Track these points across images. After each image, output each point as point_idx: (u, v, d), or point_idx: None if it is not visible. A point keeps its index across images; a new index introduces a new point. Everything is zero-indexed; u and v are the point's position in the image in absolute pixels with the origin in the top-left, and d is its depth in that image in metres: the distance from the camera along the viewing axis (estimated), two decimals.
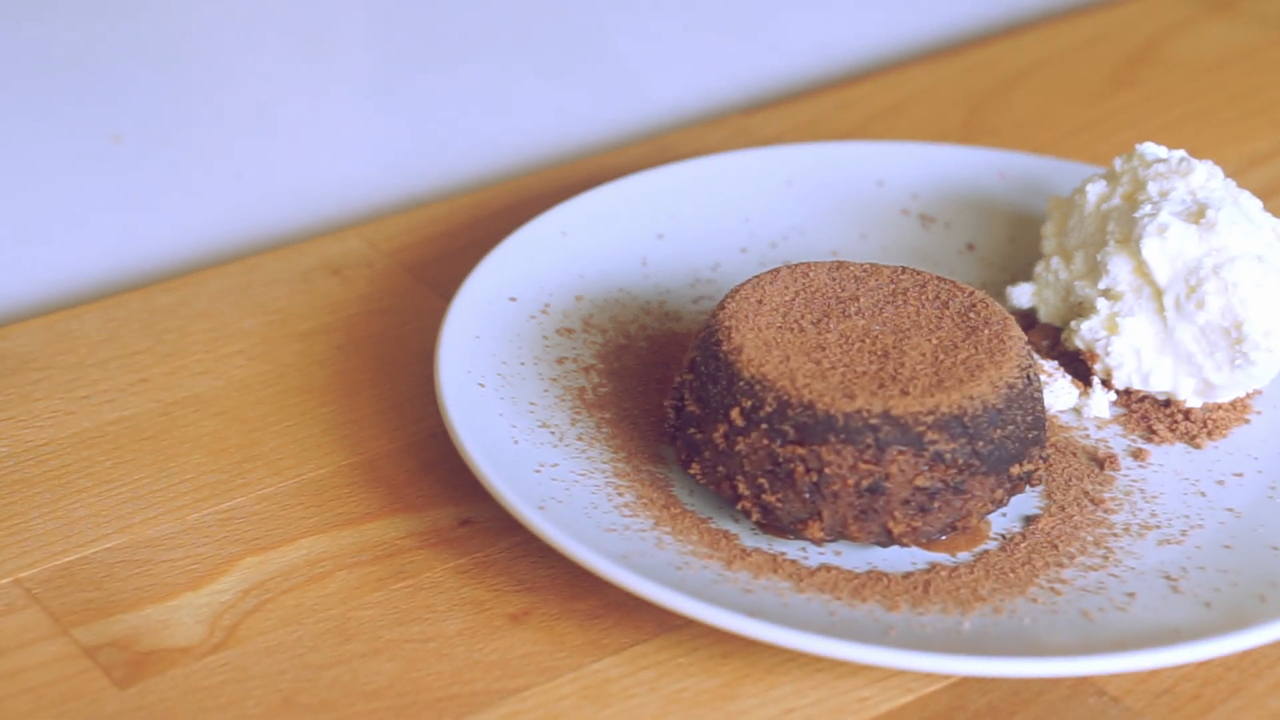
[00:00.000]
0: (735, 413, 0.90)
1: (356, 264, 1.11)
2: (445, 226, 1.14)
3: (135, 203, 1.15)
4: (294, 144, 1.19)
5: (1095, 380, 1.01)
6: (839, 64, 1.34)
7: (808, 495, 0.89)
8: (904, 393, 0.89)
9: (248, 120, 1.18)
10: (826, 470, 0.89)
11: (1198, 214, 0.99)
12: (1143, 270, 0.99)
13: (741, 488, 0.91)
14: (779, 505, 0.90)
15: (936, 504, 0.90)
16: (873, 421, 0.88)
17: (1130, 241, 1.00)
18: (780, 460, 0.89)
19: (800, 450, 0.89)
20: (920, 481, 0.89)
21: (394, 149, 1.22)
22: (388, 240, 1.13)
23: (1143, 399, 1.01)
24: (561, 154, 1.25)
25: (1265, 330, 0.98)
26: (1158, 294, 0.99)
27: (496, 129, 1.24)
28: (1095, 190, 1.03)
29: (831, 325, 0.93)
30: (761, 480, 0.90)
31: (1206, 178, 1.01)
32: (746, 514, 0.91)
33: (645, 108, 1.28)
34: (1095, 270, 1.01)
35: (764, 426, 0.89)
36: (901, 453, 0.89)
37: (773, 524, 0.91)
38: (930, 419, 0.89)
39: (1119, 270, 1.00)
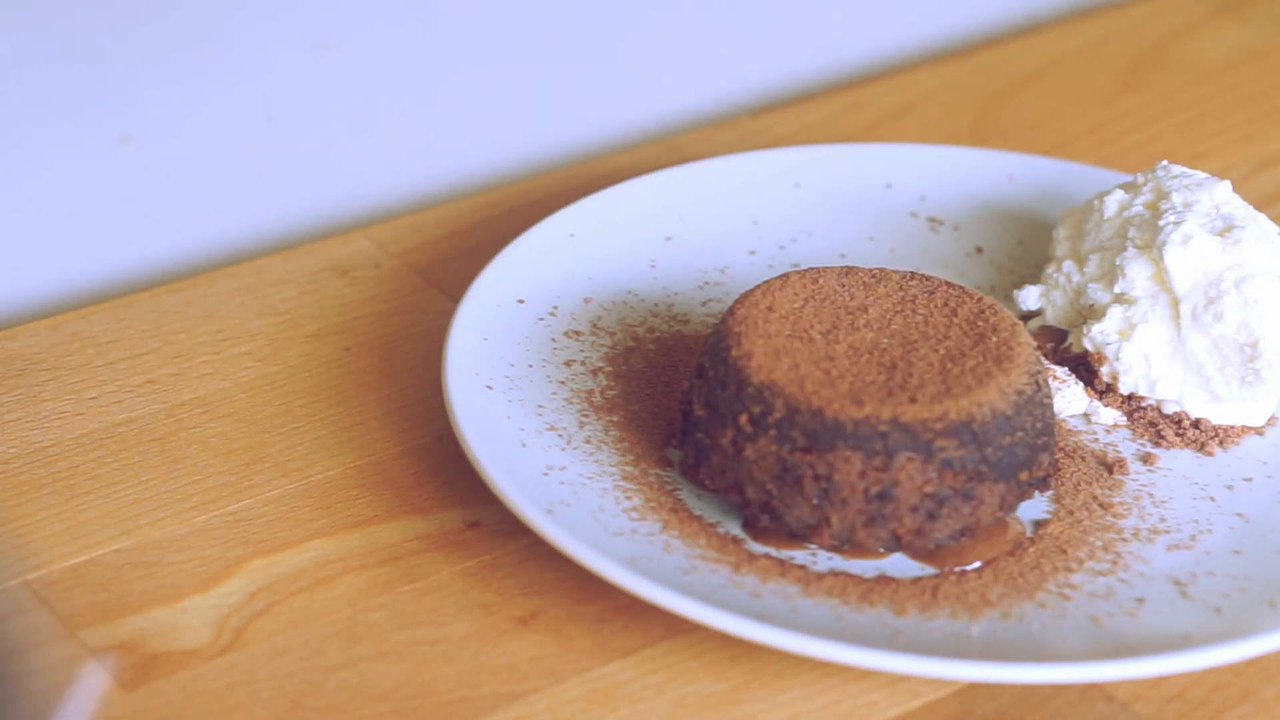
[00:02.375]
0: (744, 418, 0.90)
1: (364, 265, 1.11)
2: (453, 228, 1.14)
3: (143, 203, 1.15)
4: (302, 145, 1.19)
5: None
6: (847, 66, 1.34)
7: (816, 502, 0.89)
8: (913, 400, 0.89)
9: (255, 120, 1.18)
10: (835, 477, 0.89)
11: (1225, 228, 0.99)
12: (1161, 277, 0.99)
13: (749, 493, 0.90)
14: (787, 511, 0.90)
15: (945, 511, 0.90)
16: (881, 428, 0.88)
17: (1152, 248, 0.99)
18: (789, 466, 0.89)
19: (809, 457, 0.89)
20: (929, 488, 0.89)
21: (402, 150, 1.22)
22: (396, 242, 1.13)
23: (1150, 408, 1.00)
24: (569, 155, 1.25)
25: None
26: (1174, 302, 0.99)
27: (504, 130, 1.24)
28: (1116, 197, 1.03)
29: (841, 337, 0.92)
30: (770, 486, 0.90)
31: (1229, 195, 1.01)
32: (753, 520, 0.91)
33: (653, 109, 1.28)
34: (1110, 274, 1.01)
35: (773, 433, 0.89)
36: (910, 459, 0.88)
37: (780, 530, 0.91)
38: (939, 426, 0.89)
39: (1136, 275, 1.00)
